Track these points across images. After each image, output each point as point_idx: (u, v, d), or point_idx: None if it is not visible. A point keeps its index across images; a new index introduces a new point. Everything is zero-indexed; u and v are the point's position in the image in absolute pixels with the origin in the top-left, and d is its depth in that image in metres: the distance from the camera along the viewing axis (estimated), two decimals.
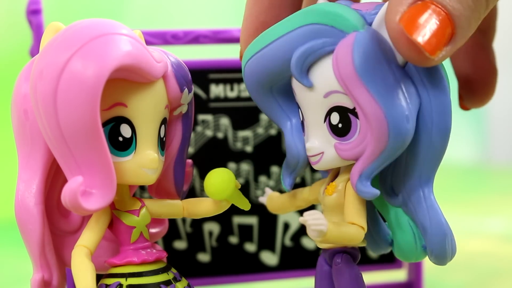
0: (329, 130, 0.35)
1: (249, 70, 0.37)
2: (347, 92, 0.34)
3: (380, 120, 0.33)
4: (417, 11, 0.31)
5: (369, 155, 0.34)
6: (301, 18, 0.34)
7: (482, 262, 0.72)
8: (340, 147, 0.35)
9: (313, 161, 0.36)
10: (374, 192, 0.35)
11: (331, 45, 0.34)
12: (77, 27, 0.34)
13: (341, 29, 0.34)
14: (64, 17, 0.41)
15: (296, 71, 0.35)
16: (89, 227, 0.36)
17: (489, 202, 1.05)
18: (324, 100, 0.35)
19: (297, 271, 0.53)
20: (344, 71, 0.33)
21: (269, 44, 0.35)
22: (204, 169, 0.50)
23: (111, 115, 0.35)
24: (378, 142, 0.34)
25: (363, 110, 0.34)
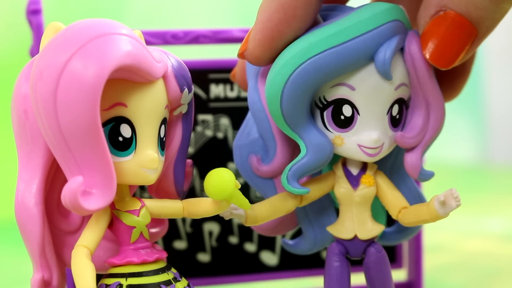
0: (389, 121, 0.37)
1: (312, 67, 0.36)
2: (419, 84, 0.37)
3: (443, 108, 0.38)
4: (437, 24, 0.35)
5: (428, 141, 0.38)
6: (387, 14, 0.36)
7: (482, 262, 0.72)
8: (406, 135, 0.38)
9: (372, 153, 0.37)
10: (432, 173, 0.39)
11: (403, 41, 0.37)
12: (77, 27, 0.34)
13: (407, 26, 0.37)
14: (64, 17, 0.41)
15: (387, 66, 0.36)
16: (89, 227, 0.36)
17: (489, 202, 1.05)
18: (394, 92, 0.37)
19: (297, 271, 0.53)
20: (419, 65, 0.36)
21: (350, 40, 0.35)
22: (204, 169, 0.50)
23: (111, 115, 0.35)
24: (440, 126, 0.38)
25: (430, 101, 0.37)
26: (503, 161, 1.39)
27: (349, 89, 0.37)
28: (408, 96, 0.38)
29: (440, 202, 0.36)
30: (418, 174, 0.38)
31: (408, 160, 0.38)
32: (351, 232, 0.39)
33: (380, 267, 0.39)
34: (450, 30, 0.35)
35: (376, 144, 0.37)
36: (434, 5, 0.35)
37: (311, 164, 0.37)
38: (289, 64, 0.36)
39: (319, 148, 0.37)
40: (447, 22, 0.35)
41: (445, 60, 0.36)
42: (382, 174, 0.40)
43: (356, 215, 0.39)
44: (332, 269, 0.39)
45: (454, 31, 0.35)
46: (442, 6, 0.35)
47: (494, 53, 1.34)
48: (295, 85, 0.36)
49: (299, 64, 0.36)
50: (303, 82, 0.36)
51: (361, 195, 0.39)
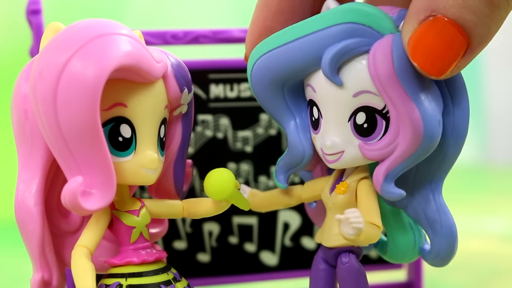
0: (353, 129, 0.35)
1: (263, 65, 0.36)
2: (382, 92, 0.34)
3: (417, 121, 0.33)
4: (427, 30, 0.32)
5: (398, 156, 0.34)
6: (338, 16, 0.34)
7: (482, 262, 0.72)
8: (366, 147, 0.35)
9: (330, 160, 0.36)
10: (400, 192, 0.35)
11: (366, 45, 0.34)
12: (77, 27, 0.34)
13: (378, 30, 0.34)
14: (64, 17, 0.41)
15: (329, 69, 0.34)
16: (89, 227, 0.36)
17: (489, 202, 1.05)
18: (353, 100, 0.35)
19: (297, 271, 0.53)
20: (382, 72, 0.33)
21: (294, 40, 0.35)
22: (204, 169, 0.50)
23: (111, 115, 0.35)
24: (410, 143, 0.34)
25: (398, 111, 0.34)
26: (503, 161, 1.39)
27: (313, 90, 0.36)
28: (383, 105, 0.35)
29: (337, 219, 0.33)
30: (379, 189, 0.35)
31: (374, 173, 0.35)
32: (319, 238, 0.38)
33: (346, 279, 0.37)
34: (440, 37, 0.32)
35: (330, 150, 0.36)
36: (424, 9, 0.32)
37: (287, 161, 0.38)
38: (251, 58, 0.37)
39: (292, 146, 0.37)
40: (437, 27, 0.32)
41: (436, 69, 0.32)
42: (366, 184, 0.37)
43: (328, 221, 0.38)
44: (314, 272, 0.39)
45: (445, 38, 0.32)
46: (432, 11, 0.32)
47: (494, 53, 1.34)
48: (255, 80, 0.37)
49: (255, 60, 0.36)
50: (260, 77, 0.36)
51: (331, 201, 0.37)
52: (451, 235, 0.37)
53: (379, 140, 0.35)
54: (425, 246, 0.39)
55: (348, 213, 0.33)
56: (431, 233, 0.37)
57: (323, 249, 0.38)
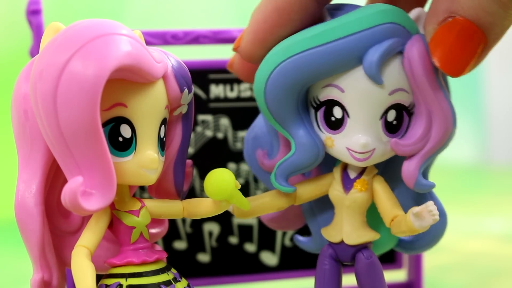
0: (383, 126, 0.36)
1: (290, 68, 0.36)
2: (416, 90, 0.36)
3: (449, 116, 0.36)
4: (446, 31, 0.34)
5: (430, 148, 0.36)
6: (379, 16, 0.35)
7: (482, 262, 0.72)
8: (401, 143, 0.36)
9: (360, 158, 0.37)
10: (432, 184, 0.37)
11: (402, 45, 0.35)
12: (77, 27, 0.34)
13: (409, 30, 0.36)
14: (64, 17, 0.41)
15: (375, 69, 0.35)
16: (89, 228, 0.36)
17: (489, 202, 1.05)
18: (388, 98, 0.36)
19: (297, 271, 0.53)
20: (420, 70, 0.35)
21: (334, 41, 0.35)
22: (204, 170, 0.50)
23: (111, 115, 0.35)
24: (443, 136, 0.36)
25: (433, 106, 0.36)
26: (503, 161, 1.39)
27: (339, 90, 0.36)
28: (410, 102, 0.36)
29: (415, 214, 0.35)
30: (413, 184, 0.37)
31: (405, 169, 0.37)
32: (338, 236, 0.38)
33: (369, 274, 0.38)
34: (459, 37, 0.34)
35: (364, 148, 0.36)
36: (443, 11, 0.34)
37: (298, 163, 0.37)
38: (271, 61, 0.36)
39: (306, 148, 0.37)
40: (456, 28, 0.34)
41: (455, 68, 0.35)
42: (381, 180, 0.38)
43: (346, 219, 0.38)
44: (321, 272, 0.39)
45: (463, 38, 0.34)
46: (451, 12, 0.34)
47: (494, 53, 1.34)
48: (275, 83, 0.36)
49: (280, 62, 0.36)
50: (283, 80, 0.36)
51: (351, 200, 0.38)
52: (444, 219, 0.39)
53: (410, 136, 0.36)
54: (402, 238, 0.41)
55: (429, 206, 0.35)
56: None
57: (338, 247, 0.39)
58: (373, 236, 0.38)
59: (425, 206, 0.35)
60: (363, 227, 0.38)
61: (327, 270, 0.39)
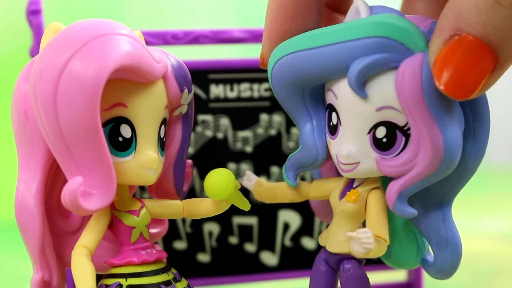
0: (371, 142, 0.35)
1: (286, 65, 0.36)
2: (406, 111, 0.33)
3: (438, 145, 0.33)
4: (452, 50, 0.31)
5: (414, 175, 0.34)
6: (370, 28, 0.33)
7: (482, 262, 0.72)
8: (384, 162, 0.35)
9: (344, 169, 0.36)
10: (412, 212, 0.35)
11: (396, 61, 0.33)
12: (77, 28, 0.34)
13: (409, 47, 0.33)
14: (64, 17, 0.41)
15: (355, 81, 0.34)
16: (89, 228, 0.36)
17: (489, 202, 1.05)
18: (375, 113, 0.34)
19: (297, 271, 0.53)
20: (410, 91, 0.33)
21: (322, 46, 0.34)
22: (204, 170, 0.50)
23: (111, 115, 0.35)
24: (429, 165, 0.34)
25: (420, 132, 0.33)
26: (503, 161, 1.39)
27: (334, 97, 0.36)
28: (405, 122, 0.34)
29: (348, 237, 0.34)
30: (391, 207, 0.35)
31: (387, 189, 0.35)
32: (324, 241, 0.38)
33: (347, 286, 0.37)
34: (466, 56, 0.31)
35: (346, 160, 0.35)
36: (448, 29, 0.31)
37: (299, 160, 0.38)
38: (273, 57, 0.37)
39: (306, 146, 0.37)
40: (463, 47, 0.31)
41: (462, 91, 0.31)
42: (377, 194, 0.37)
43: (335, 225, 0.38)
44: (315, 273, 0.39)
45: (471, 57, 0.31)
46: (457, 30, 0.31)
47: None
48: (276, 79, 0.36)
49: (277, 60, 0.36)
50: (281, 76, 0.36)
51: (340, 207, 0.37)
52: (456, 253, 0.37)
53: (397, 157, 0.35)
54: (427, 257, 0.39)
55: (360, 233, 0.33)
56: (436, 248, 0.38)
57: (326, 252, 0.38)
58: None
59: (356, 232, 0.33)
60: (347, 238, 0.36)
61: (321, 272, 0.38)
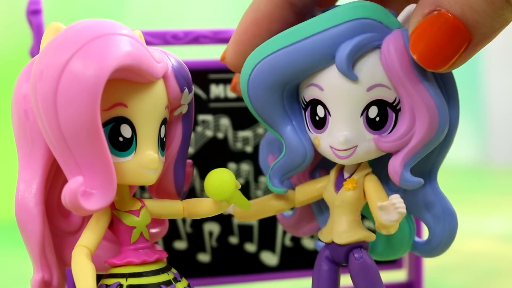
0: (365, 123, 0.36)
1: (267, 67, 0.36)
2: (397, 85, 0.35)
3: (433, 110, 0.35)
4: (430, 24, 0.33)
5: (414, 145, 0.35)
6: (349, 12, 0.35)
7: (482, 262, 0.72)
8: (382, 139, 0.36)
9: (342, 155, 0.36)
10: (419, 180, 0.36)
11: (378, 40, 0.35)
12: (77, 27, 0.34)
13: (387, 25, 0.35)
14: (64, 17, 0.41)
15: (345, 65, 0.34)
16: (89, 228, 0.36)
17: (489, 202, 1.05)
18: (366, 94, 0.35)
19: (297, 271, 0.53)
20: (399, 65, 0.34)
21: (304, 39, 0.35)
22: (204, 169, 0.50)
23: (111, 115, 0.35)
24: (427, 132, 0.35)
25: (415, 102, 0.35)
26: (503, 161, 1.39)
27: (319, 89, 0.36)
28: (394, 98, 0.36)
29: (380, 208, 0.35)
30: (398, 180, 0.36)
31: (390, 165, 0.36)
32: (329, 236, 0.38)
33: (362, 274, 0.37)
34: (442, 31, 0.33)
35: (344, 146, 0.36)
36: (429, 4, 0.33)
37: (288, 164, 0.38)
38: (248, 64, 0.36)
39: (293, 148, 0.37)
40: (439, 22, 0.33)
41: (434, 62, 0.33)
42: (373, 178, 0.38)
43: (336, 218, 0.38)
44: (318, 273, 0.39)
45: (446, 32, 0.33)
46: (437, 6, 0.33)
47: (494, 53, 1.34)
48: (255, 84, 0.36)
49: (256, 64, 0.36)
50: (261, 80, 0.36)
51: (340, 199, 0.37)
52: (453, 219, 0.38)
53: (394, 131, 0.36)
54: (416, 239, 0.40)
55: (393, 198, 0.34)
56: (432, 221, 0.38)
57: (331, 247, 0.38)
58: (365, 235, 0.38)
59: (389, 199, 0.34)
60: (354, 226, 0.38)
61: (323, 271, 0.38)
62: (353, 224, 0.38)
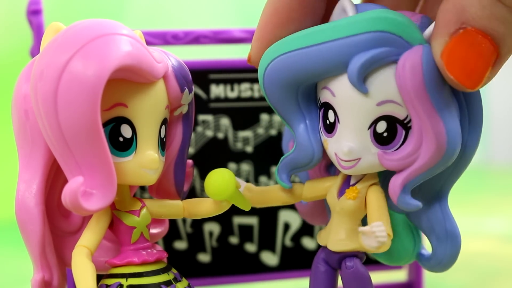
0: (372, 137, 0.35)
1: (281, 65, 0.35)
2: (408, 104, 0.34)
3: (441, 135, 0.34)
4: (459, 43, 0.32)
5: (418, 167, 0.34)
6: (368, 23, 0.33)
7: (482, 262, 0.72)
8: (386, 156, 0.35)
9: (345, 166, 0.36)
10: (417, 204, 0.35)
11: (396, 55, 0.34)
12: (77, 28, 0.34)
13: (408, 40, 0.34)
14: (65, 18, 0.41)
15: (356, 77, 0.34)
16: (89, 228, 0.36)
17: (489, 202, 1.05)
18: (376, 108, 0.34)
19: (297, 271, 0.53)
20: (412, 84, 0.33)
21: (320, 44, 0.34)
22: (204, 170, 0.50)
23: (111, 116, 0.35)
24: (433, 156, 0.34)
25: (423, 124, 0.34)
26: (503, 161, 1.39)
27: (331, 94, 0.36)
28: (405, 115, 0.35)
29: (360, 232, 0.34)
30: (396, 200, 0.35)
31: (390, 183, 0.35)
32: (325, 240, 0.38)
33: (353, 283, 0.37)
34: (473, 48, 0.32)
35: (347, 156, 0.35)
36: (454, 23, 0.32)
37: (295, 161, 0.37)
38: (265, 58, 0.36)
39: (301, 147, 0.37)
40: (469, 40, 0.32)
41: (472, 81, 0.33)
42: (376, 190, 0.37)
43: (335, 224, 0.38)
44: (314, 274, 0.39)
45: (477, 49, 0.32)
46: (462, 23, 0.32)
47: None
48: (270, 79, 0.36)
49: (272, 60, 0.36)
50: (275, 77, 0.36)
51: (340, 206, 0.37)
52: (455, 243, 0.37)
53: (399, 150, 0.35)
54: (422, 251, 0.39)
55: (374, 226, 0.34)
56: (435, 240, 0.38)
57: (326, 251, 0.38)
58: (355, 246, 0.37)
59: (370, 226, 0.34)
60: (350, 236, 0.37)
61: (320, 273, 0.38)
62: (351, 233, 0.37)
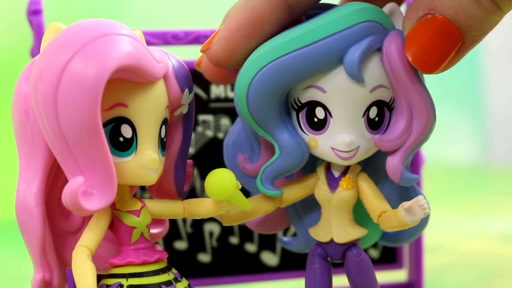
0: (366, 124, 0.37)
1: (275, 71, 0.35)
2: (396, 85, 0.36)
3: (429, 107, 0.36)
4: (423, 27, 0.34)
5: (411, 144, 0.36)
6: (356, 15, 0.35)
7: (482, 262, 0.72)
8: (383, 138, 0.37)
9: (344, 157, 0.37)
10: (416, 177, 0.37)
11: (380, 41, 0.36)
12: (77, 28, 0.34)
13: (386, 26, 0.36)
14: (65, 18, 0.41)
15: (356, 68, 0.35)
16: (89, 228, 0.36)
17: (489, 202, 1.05)
18: (369, 95, 0.36)
19: (297, 272, 0.53)
20: (400, 66, 0.35)
21: (314, 43, 0.35)
22: (204, 170, 0.50)
23: (111, 116, 0.35)
24: (424, 130, 0.36)
25: (414, 100, 0.36)
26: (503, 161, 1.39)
27: (321, 91, 0.36)
28: (390, 97, 0.37)
29: (406, 209, 0.35)
30: (399, 178, 0.37)
31: (389, 163, 0.37)
32: (327, 236, 0.39)
33: (360, 272, 0.38)
34: (436, 34, 0.34)
35: (348, 147, 0.36)
36: (423, 8, 0.34)
37: (283, 166, 0.37)
38: (251, 67, 0.36)
39: (290, 150, 0.37)
40: (434, 26, 0.34)
41: (428, 65, 0.35)
42: (365, 177, 0.38)
43: (334, 218, 0.38)
44: (311, 271, 0.39)
45: (440, 36, 0.34)
46: (431, 9, 0.34)
47: (494, 53, 1.34)
48: (257, 88, 0.36)
49: (261, 68, 0.36)
50: (265, 85, 0.36)
51: (338, 198, 0.38)
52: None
53: (393, 131, 0.37)
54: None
55: (420, 200, 0.35)
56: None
57: (326, 246, 0.39)
58: (362, 232, 0.39)
59: (415, 200, 0.35)
60: (351, 225, 0.38)
61: (317, 269, 0.39)
62: (350, 222, 0.38)
